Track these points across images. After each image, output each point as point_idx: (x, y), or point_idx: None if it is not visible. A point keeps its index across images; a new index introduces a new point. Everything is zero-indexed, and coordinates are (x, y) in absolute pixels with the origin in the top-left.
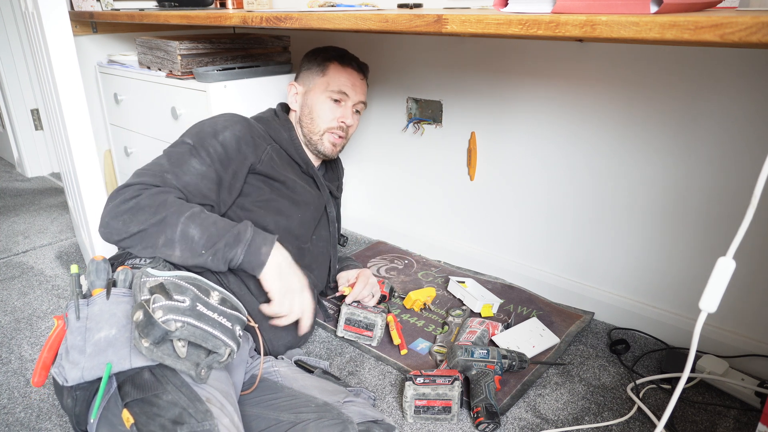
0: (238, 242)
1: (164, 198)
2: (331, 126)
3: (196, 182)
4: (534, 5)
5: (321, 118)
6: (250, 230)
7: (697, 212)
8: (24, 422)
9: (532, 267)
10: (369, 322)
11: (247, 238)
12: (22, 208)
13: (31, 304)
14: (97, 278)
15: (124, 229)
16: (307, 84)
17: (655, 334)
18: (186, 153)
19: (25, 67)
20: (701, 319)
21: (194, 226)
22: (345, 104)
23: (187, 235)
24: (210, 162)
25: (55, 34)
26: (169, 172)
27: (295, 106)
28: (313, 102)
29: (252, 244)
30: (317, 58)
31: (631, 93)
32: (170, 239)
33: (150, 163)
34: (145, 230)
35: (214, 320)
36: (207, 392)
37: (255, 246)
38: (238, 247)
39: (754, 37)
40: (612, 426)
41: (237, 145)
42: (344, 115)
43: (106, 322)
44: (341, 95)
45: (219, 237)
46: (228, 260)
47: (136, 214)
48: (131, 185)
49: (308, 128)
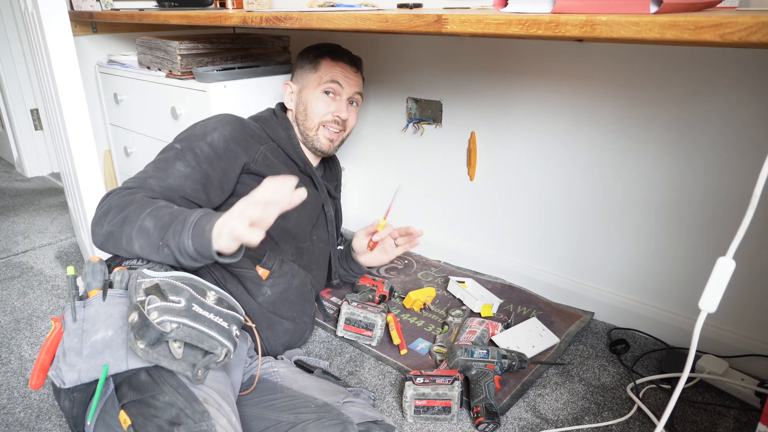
0: (183, 227)
1: (131, 198)
2: (325, 120)
3: (179, 183)
4: (534, 5)
5: (315, 113)
6: (197, 213)
7: (697, 212)
8: (24, 422)
9: (532, 267)
10: (369, 321)
11: (192, 220)
12: (21, 208)
13: (31, 304)
14: (93, 279)
15: (99, 232)
16: (301, 82)
17: (655, 334)
18: (172, 158)
19: (25, 67)
20: (701, 319)
21: (150, 219)
22: (339, 98)
23: (143, 228)
24: (195, 163)
25: (54, 34)
26: (152, 177)
27: (291, 105)
28: (308, 98)
29: (197, 226)
30: (309, 56)
31: (631, 93)
32: (129, 236)
33: (139, 172)
34: (111, 231)
35: (210, 320)
36: (204, 393)
37: (200, 227)
38: (184, 232)
39: (754, 37)
40: (612, 426)
41: (226, 144)
42: (339, 109)
43: (103, 323)
44: (334, 86)
45: (169, 225)
46: (182, 249)
47: (106, 215)
48: (113, 192)
49: (303, 125)
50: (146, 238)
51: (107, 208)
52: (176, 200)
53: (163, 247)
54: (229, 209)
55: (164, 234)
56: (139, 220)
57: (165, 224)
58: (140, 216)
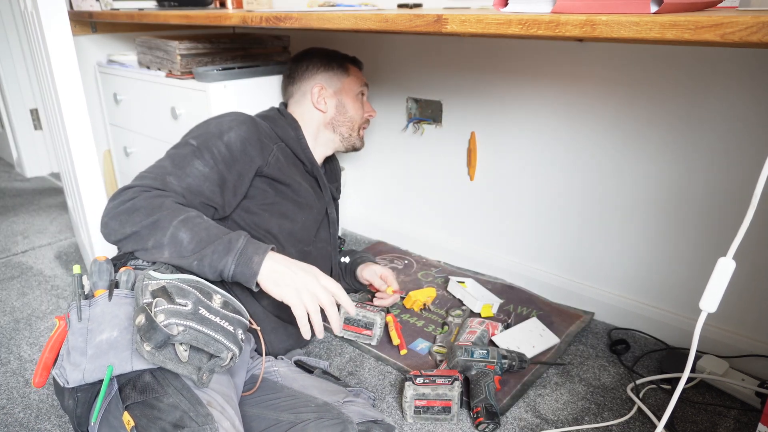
0: (228, 251)
1: (161, 201)
2: (363, 121)
3: (198, 184)
4: (534, 5)
5: (357, 114)
6: (242, 239)
7: (698, 212)
8: (23, 422)
9: (532, 267)
10: (368, 321)
11: (239, 247)
12: (21, 208)
13: (30, 305)
14: (99, 279)
15: (120, 230)
16: (335, 84)
17: (655, 334)
18: (189, 154)
19: (25, 67)
20: (701, 319)
21: (185, 230)
22: (365, 99)
23: (176, 238)
24: (213, 164)
25: (54, 33)
26: (172, 174)
27: (322, 106)
28: (346, 100)
29: (243, 254)
30: (334, 60)
31: (631, 93)
32: (159, 242)
33: (153, 165)
34: (137, 232)
35: (217, 324)
36: (208, 395)
37: (246, 256)
38: (228, 256)
39: (755, 37)
40: (612, 426)
41: (242, 146)
42: (370, 109)
43: (108, 323)
44: (365, 89)
45: (208, 242)
46: (218, 270)
47: (132, 215)
48: (131, 187)
49: (342, 125)
50: (177, 248)
51: (131, 207)
52: (196, 204)
53: (193, 260)
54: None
55: (201, 249)
56: (172, 228)
57: (202, 240)
58: (172, 224)
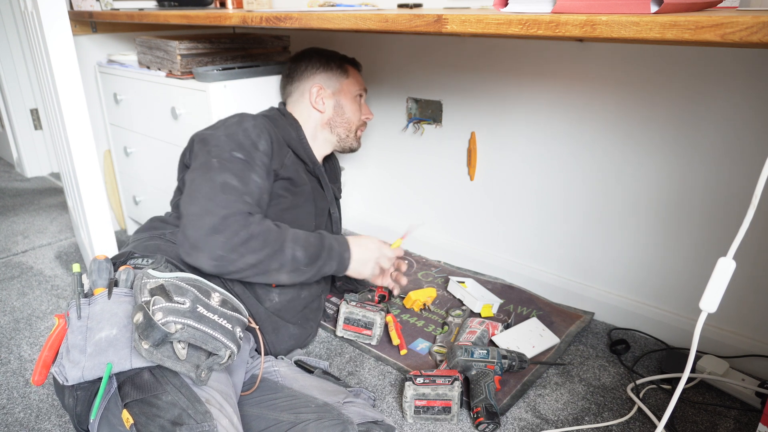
0: (330, 258)
1: (267, 226)
2: (360, 123)
3: (259, 196)
4: (534, 5)
5: (355, 116)
6: (332, 242)
7: (698, 212)
8: (23, 422)
9: (532, 267)
10: (368, 320)
11: (336, 251)
12: (21, 208)
13: (30, 304)
14: (98, 277)
15: (240, 260)
16: (334, 85)
17: (655, 334)
18: (245, 169)
19: (25, 67)
20: (701, 320)
21: (298, 248)
22: (363, 102)
23: (295, 257)
24: (264, 174)
25: (54, 33)
26: (246, 194)
27: (320, 106)
28: (345, 102)
29: (341, 257)
30: (333, 61)
31: (631, 93)
32: (282, 264)
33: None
34: (261, 261)
35: (215, 322)
36: (206, 393)
37: (341, 256)
38: (332, 261)
39: (755, 37)
40: (612, 426)
41: (272, 154)
42: (367, 111)
43: (107, 321)
44: (363, 92)
45: (317, 255)
46: (323, 274)
47: (247, 245)
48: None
49: (340, 126)
50: (296, 265)
51: (246, 237)
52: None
53: (310, 274)
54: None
55: (314, 262)
56: (289, 249)
57: (312, 254)
58: (285, 244)
